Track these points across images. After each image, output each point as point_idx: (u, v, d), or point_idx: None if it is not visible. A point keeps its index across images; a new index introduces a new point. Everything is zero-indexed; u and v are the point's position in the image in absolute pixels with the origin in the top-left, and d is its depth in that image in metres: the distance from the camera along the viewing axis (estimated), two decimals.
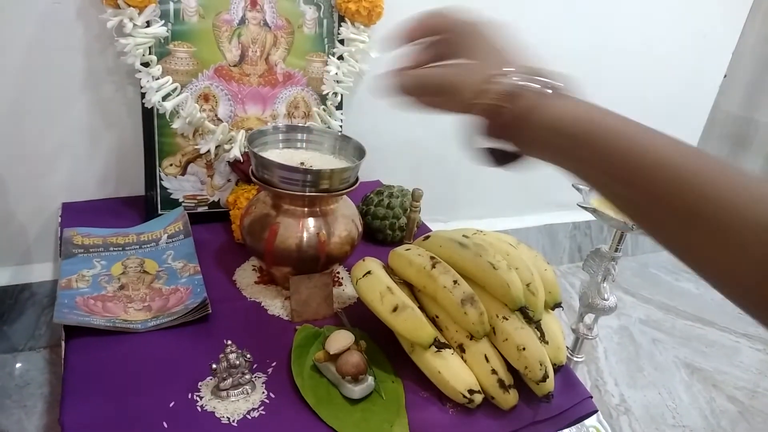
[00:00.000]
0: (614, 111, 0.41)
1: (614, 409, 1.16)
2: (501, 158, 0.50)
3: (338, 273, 0.89)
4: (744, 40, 1.59)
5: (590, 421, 1.11)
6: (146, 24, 0.85)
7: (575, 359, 0.99)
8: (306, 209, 0.77)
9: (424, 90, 0.49)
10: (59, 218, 0.95)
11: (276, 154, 0.82)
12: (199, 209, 0.99)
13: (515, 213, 1.55)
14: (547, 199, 1.54)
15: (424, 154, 1.29)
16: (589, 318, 0.97)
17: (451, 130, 1.28)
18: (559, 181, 0.83)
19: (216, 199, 1.00)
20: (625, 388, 1.22)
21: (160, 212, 0.96)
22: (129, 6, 0.82)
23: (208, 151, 0.94)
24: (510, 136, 0.46)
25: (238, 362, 0.64)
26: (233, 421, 0.62)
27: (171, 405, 0.63)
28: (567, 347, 0.86)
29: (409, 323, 0.68)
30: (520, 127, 0.44)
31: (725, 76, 1.63)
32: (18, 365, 1.04)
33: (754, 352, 1.40)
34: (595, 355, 1.31)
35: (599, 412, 1.13)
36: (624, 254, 1.78)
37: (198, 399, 0.64)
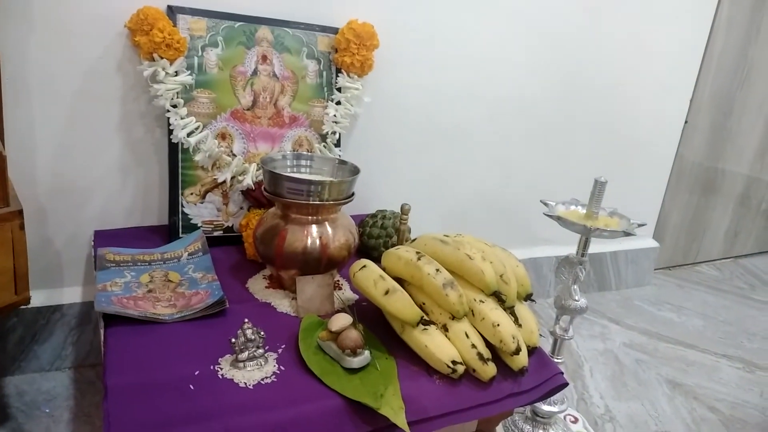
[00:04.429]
0: None
1: (599, 418, 1.24)
2: None
3: (338, 280, 1.01)
4: (700, 88, 1.77)
5: (577, 427, 1.19)
6: (175, 73, 1.02)
7: (556, 361, 1.08)
8: (310, 217, 0.91)
9: None
10: (92, 242, 1.08)
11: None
12: (215, 233, 1.12)
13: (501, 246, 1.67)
14: (531, 235, 1.67)
15: (414, 187, 1.43)
16: (564, 321, 1.07)
17: (439, 169, 1.42)
18: (543, 219, 0.95)
19: (230, 225, 1.13)
20: (609, 400, 1.30)
21: (180, 235, 1.09)
22: (162, 58, 0.99)
23: (225, 181, 1.08)
24: None
25: (253, 337, 0.75)
26: (249, 385, 0.72)
27: (196, 373, 0.73)
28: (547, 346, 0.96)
29: (399, 304, 0.80)
30: None
31: (686, 122, 1.81)
32: (45, 383, 1.13)
33: (733, 369, 1.48)
34: (581, 373, 1.40)
35: (585, 420, 1.21)
36: (608, 289, 1.89)
37: (219, 369, 0.75)
